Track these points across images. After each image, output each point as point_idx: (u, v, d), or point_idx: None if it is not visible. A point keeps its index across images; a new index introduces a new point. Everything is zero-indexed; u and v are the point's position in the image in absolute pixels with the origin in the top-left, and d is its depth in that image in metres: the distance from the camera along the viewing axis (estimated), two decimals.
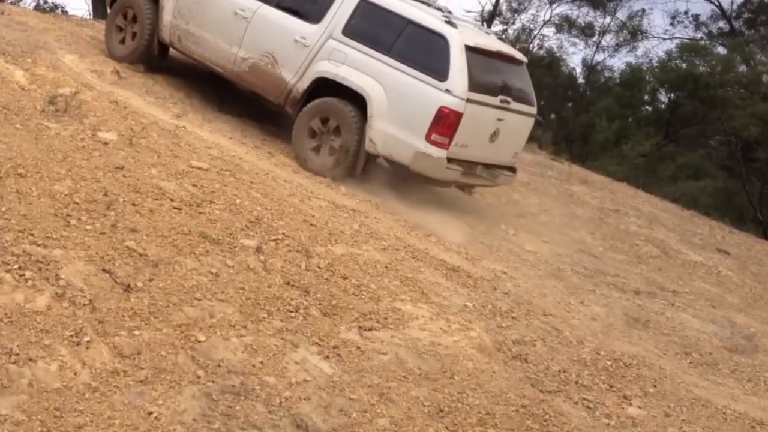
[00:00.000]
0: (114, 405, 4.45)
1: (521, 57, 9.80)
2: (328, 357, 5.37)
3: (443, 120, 8.64)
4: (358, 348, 5.56)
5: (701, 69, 25.55)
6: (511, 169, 9.75)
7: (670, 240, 11.43)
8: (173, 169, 6.93)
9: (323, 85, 9.14)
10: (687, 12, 29.03)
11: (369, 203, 8.44)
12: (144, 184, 6.44)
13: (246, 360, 5.07)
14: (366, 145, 8.88)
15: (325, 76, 9.10)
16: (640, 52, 29.17)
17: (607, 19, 29.36)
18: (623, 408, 6.08)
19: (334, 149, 8.96)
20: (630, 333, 7.57)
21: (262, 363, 5.09)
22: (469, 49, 8.81)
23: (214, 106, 10.13)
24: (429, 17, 9.02)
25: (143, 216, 6.00)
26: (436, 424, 5.17)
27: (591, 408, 5.92)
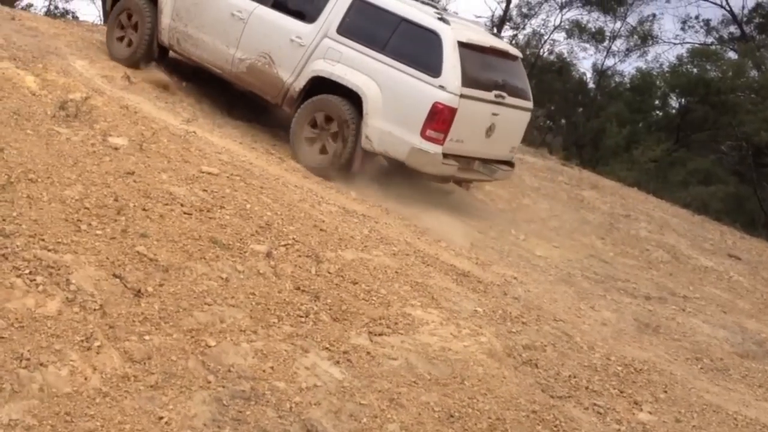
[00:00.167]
0: (124, 410, 4.45)
1: (515, 52, 9.88)
2: (338, 362, 5.36)
3: (437, 116, 8.69)
4: (368, 353, 5.55)
5: (712, 74, 25.46)
6: (509, 164, 9.80)
7: (680, 245, 11.39)
8: (183, 175, 6.94)
9: (319, 84, 9.21)
10: (698, 17, 28.95)
11: (379, 208, 8.44)
12: (154, 189, 6.45)
13: (256, 365, 5.07)
14: (362, 142, 8.95)
15: (321, 74, 9.19)
16: (650, 57, 29.06)
17: (618, 24, 29.27)
18: (634, 414, 6.05)
19: (330, 146, 9.04)
20: (641, 338, 7.54)
21: (272, 368, 5.09)
22: (462, 45, 8.87)
23: (223, 111, 10.17)
24: (421, 14, 9.10)
25: (153, 221, 6.00)
26: (446, 429, 5.15)
27: (601, 413, 5.90)
